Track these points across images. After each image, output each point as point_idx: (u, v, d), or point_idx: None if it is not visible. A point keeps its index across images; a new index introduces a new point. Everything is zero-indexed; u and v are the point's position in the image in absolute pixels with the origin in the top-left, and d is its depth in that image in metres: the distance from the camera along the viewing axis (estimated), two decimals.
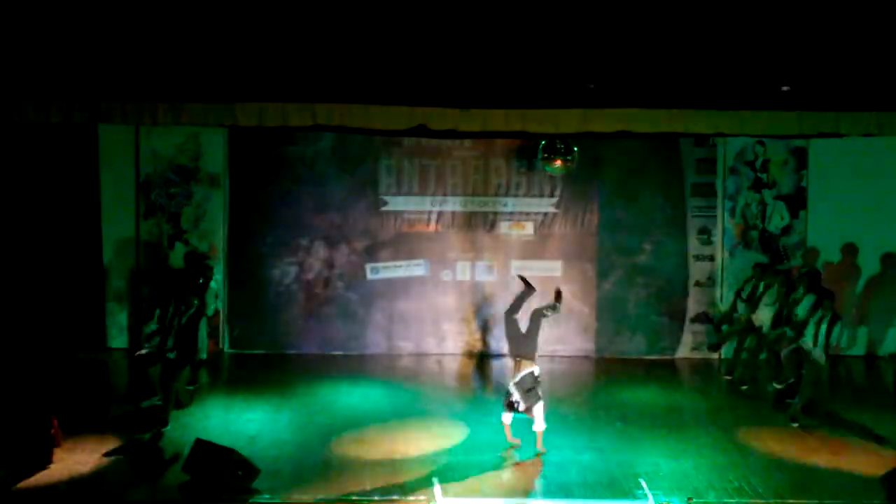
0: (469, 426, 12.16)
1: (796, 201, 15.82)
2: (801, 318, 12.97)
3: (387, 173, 15.74)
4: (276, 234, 15.67)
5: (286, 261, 15.70)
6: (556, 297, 11.45)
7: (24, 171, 15.00)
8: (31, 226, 15.07)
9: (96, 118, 14.70)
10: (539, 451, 11.11)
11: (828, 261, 15.67)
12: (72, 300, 15.26)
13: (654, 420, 12.52)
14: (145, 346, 12.72)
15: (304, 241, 15.70)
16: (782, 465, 11.02)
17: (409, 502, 9.87)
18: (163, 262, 15.33)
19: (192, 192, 15.49)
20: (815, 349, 12.43)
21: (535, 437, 11.13)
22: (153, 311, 12.69)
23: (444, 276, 15.86)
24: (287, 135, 15.38)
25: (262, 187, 15.59)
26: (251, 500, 9.85)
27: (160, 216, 15.46)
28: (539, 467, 10.87)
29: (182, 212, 15.47)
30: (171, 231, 15.45)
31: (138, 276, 15.41)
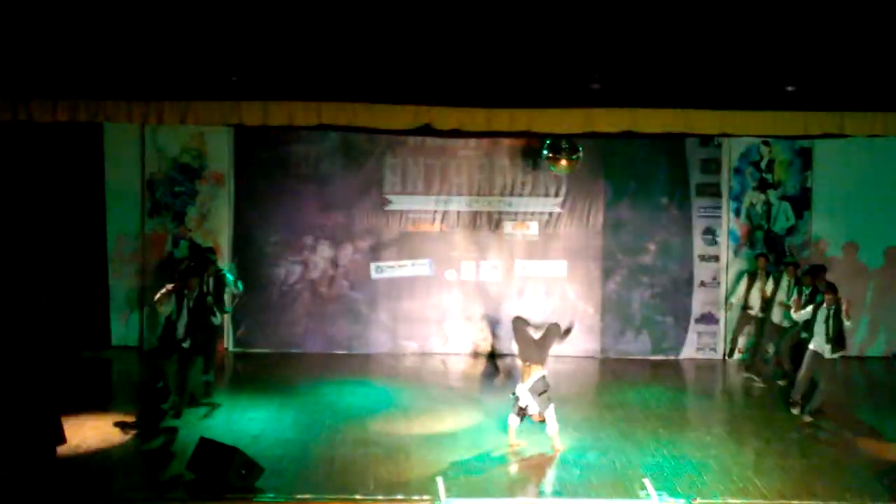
0: (473, 425, 12.17)
1: (801, 202, 15.81)
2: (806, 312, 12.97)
3: (391, 172, 15.74)
4: (281, 233, 15.68)
5: (291, 260, 15.71)
6: (566, 333, 11.89)
7: (30, 170, 15.01)
8: (37, 224, 15.08)
9: (102, 117, 14.77)
10: (556, 449, 11.16)
11: (833, 257, 15.67)
12: (76, 299, 15.28)
13: (658, 420, 12.52)
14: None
15: (308, 241, 15.72)
16: (786, 465, 11.01)
17: (413, 501, 9.87)
18: (168, 260, 15.34)
19: (197, 191, 15.50)
20: (823, 344, 12.39)
21: (550, 439, 11.18)
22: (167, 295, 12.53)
23: (449, 275, 15.86)
24: (292, 134, 15.40)
25: (267, 186, 15.59)
26: (255, 499, 9.85)
27: (165, 215, 15.47)
28: (543, 466, 10.88)
29: (187, 210, 15.49)
30: (175, 230, 15.46)
31: (143, 275, 15.43)
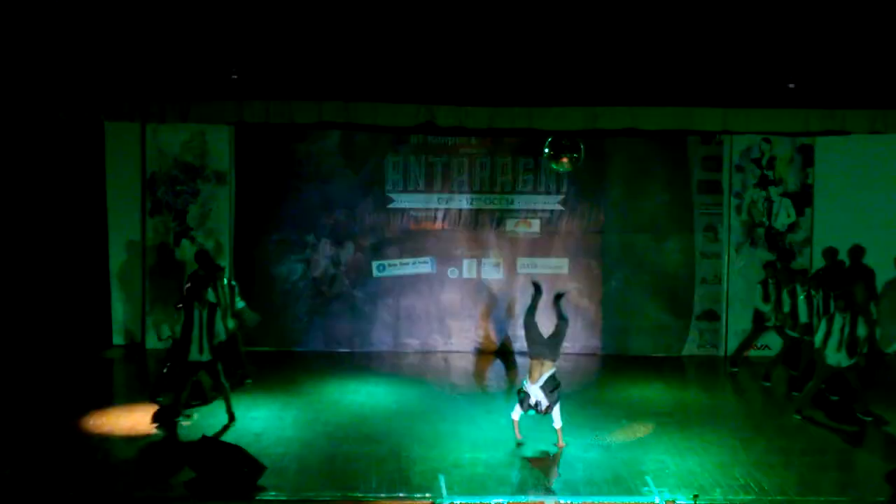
0: (475, 423, 12.16)
1: (802, 198, 15.79)
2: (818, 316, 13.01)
3: (393, 171, 15.73)
4: (283, 231, 15.67)
5: (293, 258, 15.70)
6: (557, 297, 11.86)
7: (31, 169, 15.01)
8: (38, 223, 15.09)
9: (103, 115, 14.79)
10: (560, 445, 11.17)
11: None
12: (78, 298, 15.28)
13: (659, 417, 12.51)
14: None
15: (310, 239, 15.71)
16: (788, 462, 11.00)
17: (414, 499, 9.88)
18: (170, 258, 15.35)
19: (199, 190, 15.49)
20: (835, 354, 12.36)
21: (556, 433, 11.21)
22: (179, 310, 12.43)
23: (451, 273, 15.86)
24: (294, 132, 15.40)
25: (268, 185, 15.58)
26: (257, 497, 9.85)
27: (166, 214, 15.47)
28: (545, 464, 10.87)
29: (188, 209, 15.48)
30: (177, 229, 15.46)
31: (144, 274, 15.44)
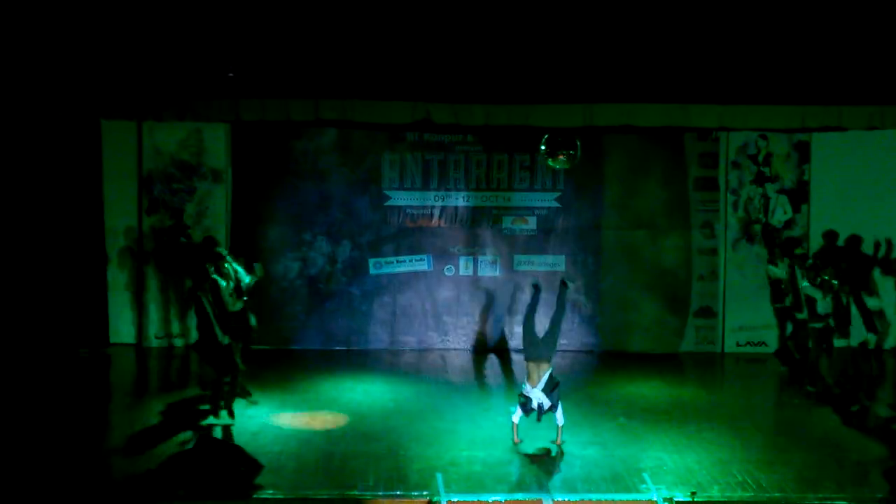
0: (472, 421, 12.15)
1: (799, 195, 15.79)
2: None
3: (390, 168, 15.72)
4: (279, 229, 15.66)
5: (289, 256, 15.69)
6: (562, 284, 11.81)
7: (28, 167, 14.98)
8: (34, 221, 15.06)
9: (99, 114, 14.75)
10: (558, 443, 11.17)
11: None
12: (74, 295, 15.26)
13: (657, 414, 12.51)
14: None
15: (307, 237, 15.70)
16: (786, 459, 11.00)
17: (412, 497, 9.86)
18: (171, 257, 15.35)
19: (195, 188, 15.47)
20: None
21: (554, 431, 11.20)
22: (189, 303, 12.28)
23: (447, 271, 15.86)
24: (290, 130, 15.38)
25: (264, 182, 15.56)
26: (254, 496, 9.83)
27: (163, 212, 15.45)
28: (543, 461, 10.86)
29: (185, 207, 15.45)
30: (173, 227, 15.41)
31: (141, 272, 15.42)
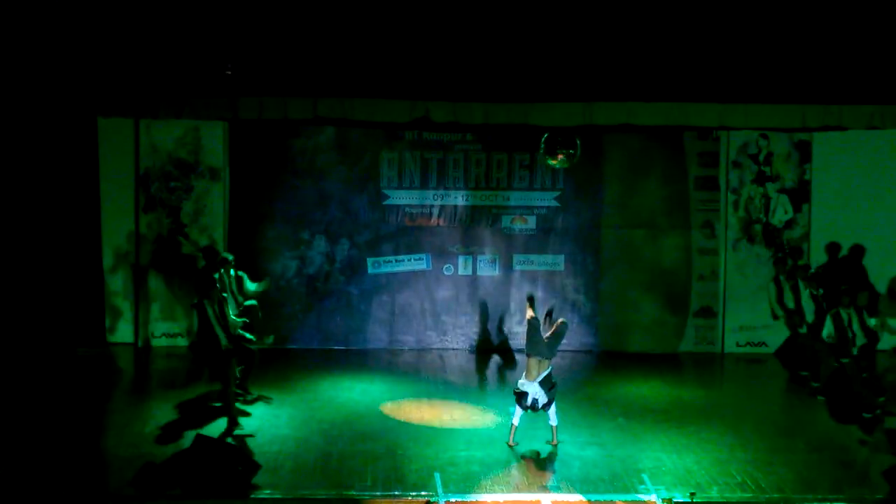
0: (470, 420, 12.14)
1: (800, 195, 15.75)
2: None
3: (388, 167, 15.67)
4: (277, 228, 15.61)
5: (287, 255, 15.65)
6: (530, 304, 11.75)
7: (24, 164, 14.92)
8: (30, 220, 15.00)
9: (96, 111, 14.69)
10: (554, 444, 11.15)
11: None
12: (71, 295, 15.20)
13: (656, 415, 12.50)
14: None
15: (305, 236, 15.66)
16: (786, 459, 10.98)
17: (410, 497, 9.84)
18: (171, 255, 15.30)
19: (193, 186, 15.42)
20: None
21: (551, 431, 11.19)
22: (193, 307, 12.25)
23: (446, 270, 15.81)
24: (288, 128, 15.33)
25: (262, 181, 15.52)
26: (252, 496, 9.81)
27: (160, 210, 15.40)
28: (541, 461, 10.85)
29: (182, 206, 15.41)
30: (171, 225, 15.39)
31: (138, 271, 15.37)
